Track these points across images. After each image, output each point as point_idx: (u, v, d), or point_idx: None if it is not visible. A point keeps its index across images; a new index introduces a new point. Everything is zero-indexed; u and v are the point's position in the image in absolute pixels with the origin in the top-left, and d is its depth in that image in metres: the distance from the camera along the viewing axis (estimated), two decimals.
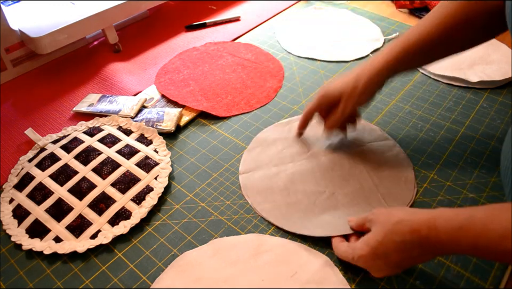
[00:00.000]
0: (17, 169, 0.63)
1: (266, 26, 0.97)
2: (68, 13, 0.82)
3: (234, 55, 0.87)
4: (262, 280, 0.50)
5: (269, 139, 0.68)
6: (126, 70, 0.85)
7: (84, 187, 0.59)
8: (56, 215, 0.57)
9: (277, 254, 0.53)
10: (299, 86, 0.80)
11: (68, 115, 0.75)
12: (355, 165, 0.63)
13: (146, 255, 0.54)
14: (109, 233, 0.55)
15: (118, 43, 0.90)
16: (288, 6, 1.04)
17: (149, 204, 0.58)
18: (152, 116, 0.71)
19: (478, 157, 0.65)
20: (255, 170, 0.63)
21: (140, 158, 0.64)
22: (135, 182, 0.60)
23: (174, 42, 0.93)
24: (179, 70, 0.83)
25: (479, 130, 0.69)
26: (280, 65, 0.85)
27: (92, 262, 0.53)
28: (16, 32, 0.79)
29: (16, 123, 0.73)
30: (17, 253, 0.54)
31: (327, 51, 0.88)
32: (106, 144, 0.65)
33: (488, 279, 0.50)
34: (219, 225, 0.57)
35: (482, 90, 0.77)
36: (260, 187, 0.61)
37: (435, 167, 0.63)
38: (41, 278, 0.52)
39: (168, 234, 0.56)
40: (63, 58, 0.89)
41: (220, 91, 0.78)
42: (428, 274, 0.51)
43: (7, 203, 0.59)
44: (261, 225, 0.56)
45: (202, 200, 0.60)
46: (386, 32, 0.93)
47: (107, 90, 0.80)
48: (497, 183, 0.60)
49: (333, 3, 1.05)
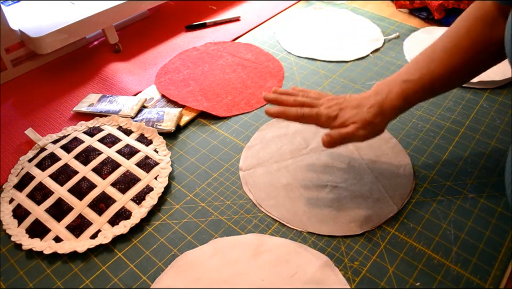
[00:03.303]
0: (17, 169, 0.63)
1: (266, 26, 0.97)
2: (68, 13, 0.82)
3: (234, 55, 0.87)
4: (262, 280, 0.50)
5: (268, 136, 0.69)
6: (126, 70, 0.85)
7: (84, 187, 0.59)
8: (56, 215, 0.57)
9: (277, 254, 0.53)
10: (299, 86, 0.80)
11: (68, 115, 0.75)
12: (354, 158, 0.64)
13: (146, 255, 0.54)
14: (109, 233, 0.55)
15: (118, 43, 0.90)
16: (288, 6, 1.04)
17: (149, 204, 0.58)
18: (152, 116, 0.71)
19: (478, 157, 0.65)
20: (256, 167, 0.64)
21: (140, 158, 0.64)
22: (135, 182, 0.60)
23: (174, 42, 0.93)
24: (179, 70, 0.83)
25: (479, 130, 0.69)
26: (280, 65, 0.85)
27: (92, 262, 0.53)
28: (16, 32, 0.79)
29: (16, 123, 0.73)
30: (17, 252, 0.54)
31: (327, 52, 0.88)
32: (106, 144, 0.65)
33: (488, 279, 0.50)
34: (219, 225, 0.57)
35: (482, 90, 0.77)
36: (262, 184, 0.61)
37: (435, 167, 0.63)
38: (41, 278, 0.52)
39: (168, 234, 0.56)
40: (63, 58, 0.89)
41: (220, 91, 0.78)
42: (428, 274, 0.51)
43: (7, 203, 0.59)
44: (261, 225, 0.56)
45: (202, 200, 0.60)
46: (386, 32, 0.93)
47: (107, 90, 0.80)
48: (497, 183, 0.60)
49: (333, 3, 1.05)
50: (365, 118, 0.54)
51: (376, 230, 0.56)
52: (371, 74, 0.82)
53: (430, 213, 0.57)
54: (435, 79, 0.55)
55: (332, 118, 0.55)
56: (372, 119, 0.54)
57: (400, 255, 0.53)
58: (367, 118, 0.54)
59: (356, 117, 0.54)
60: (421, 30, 0.93)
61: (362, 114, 0.54)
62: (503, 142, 0.67)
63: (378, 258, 0.52)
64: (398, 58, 0.86)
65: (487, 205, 0.58)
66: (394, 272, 0.51)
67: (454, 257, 0.52)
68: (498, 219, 0.56)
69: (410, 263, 0.52)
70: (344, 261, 0.52)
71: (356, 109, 0.55)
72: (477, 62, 0.56)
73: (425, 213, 0.57)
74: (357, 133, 0.54)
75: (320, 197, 0.59)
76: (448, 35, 0.57)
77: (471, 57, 0.55)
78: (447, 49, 0.56)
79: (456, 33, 0.56)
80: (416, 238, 0.54)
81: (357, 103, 0.56)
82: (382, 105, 0.55)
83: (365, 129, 0.54)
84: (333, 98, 0.58)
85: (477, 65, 0.57)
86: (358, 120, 0.54)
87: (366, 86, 0.79)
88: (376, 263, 0.52)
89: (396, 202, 0.58)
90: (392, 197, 0.59)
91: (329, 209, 0.58)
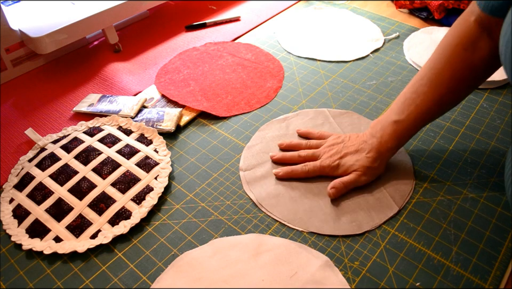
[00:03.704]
0: (17, 169, 0.63)
1: (266, 26, 0.97)
2: (68, 13, 0.82)
3: (234, 55, 0.87)
4: (262, 280, 0.50)
5: (268, 136, 0.69)
6: (126, 70, 0.85)
7: (84, 187, 0.59)
8: (56, 215, 0.57)
9: (277, 254, 0.53)
10: (299, 86, 0.80)
11: (68, 115, 0.75)
12: None
13: (146, 255, 0.54)
14: (109, 233, 0.55)
15: (118, 43, 0.90)
16: (288, 6, 1.04)
17: (149, 204, 0.58)
18: (152, 116, 0.71)
19: (478, 157, 0.65)
20: (257, 167, 0.64)
21: (140, 158, 0.64)
22: (135, 182, 0.60)
23: (174, 42, 0.93)
24: (179, 70, 0.83)
25: (479, 130, 0.69)
26: (280, 65, 0.85)
27: (92, 262, 0.53)
28: (16, 32, 0.79)
29: (16, 123, 0.73)
30: (17, 252, 0.54)
31: (327, 51, 0.88)
32: (106, 144, 0.65)
33: (488, 279, 0.50)
34: (219, 225, 0.57)
35: (482, 90, 0.77)
36: (263, 184, 0.61)
37: (435, 167, 0.63)
38: (41, 278, 0.52)
39: (168, 234, 0.56)
40: (63, 58, 0.89)
41: (220, 91, 0.78)
42: (428, 274, 0.51)
43: (7, 203, 0.59)
44: (261, 225, 0.56)
45: (202, 200, 0.60)
46: (386, 32, 0.93)
47: (107, 90, 0.80)
48: (497, 183, 0.60)
49: (333, 3, 1.05)
50: (365, 165, 0.59)
51: (376, 230, 0.56)
52: (371, 74, 0.82)
53: (430, 213, 0.57)
54: (423, 113, 0.58)
55: (334, 168, 0.60)
56: (372, 164, 0.59)
57: (400, 255, 0.53)
58: (367, 164, 0.59)
59: (356, 164, 0.59)
60: (421, 30, 0.93)
61: (363, 162, 0.59)
62: (503, 142, 0.67)
63: (378, 258, 0.52)
64: (398, 58, 0.86)
65: (487, 205, 0.58)
66: (394, 272, 0.51)
67: (454, 257, 0.52)
68: (498, 219, 0.56)
69: (410, 263, 0.52)
70: (344, 261, 0.52)
71: (356, 155, 0.60)
72: (462, 87, 0.58)
73: (425, 213, 0.57)
74: (359, 179, 0.59)
75: (320, 197, 0.59)
76: (431, 67, 0.58)
77: (456, 84, 0.57)
78: (431, 81, 0.57)
79: (438, 64, 0.58)
80: (416, 238, 0.54)
81: (355, 148, 0.60)
82: (379, 149, 0.59)
83: (366, 175, 0.59)
84: (333, 145, 0.62)
85: (462, 90, 0.58)
86: (359, 167, 0.59)
87: (366, 86, 0.79)
88: (376, 263, 0.52)
89: (396, 202, 0.58)
90: (393, 196, 0.59)
91: (330, 209, 0.58)
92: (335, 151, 0.61)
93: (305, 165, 0.61)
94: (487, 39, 0.55)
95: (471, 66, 0.56)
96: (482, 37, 0.55)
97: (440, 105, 0.58)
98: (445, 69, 0.57)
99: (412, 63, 0.84)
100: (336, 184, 0.58)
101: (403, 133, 0.59)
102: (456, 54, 0.56)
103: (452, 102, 0.59)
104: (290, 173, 0.61)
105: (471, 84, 0.58)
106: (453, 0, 0.90)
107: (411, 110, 0.58)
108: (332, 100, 0.76)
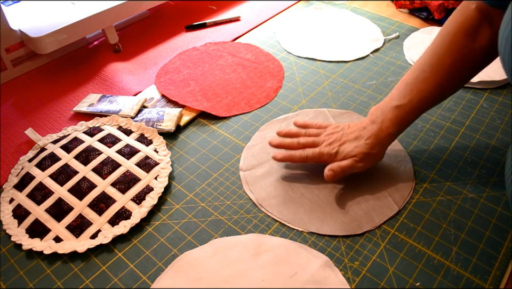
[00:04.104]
0: (17, 169, 0.63)
1: (266, 26, 0.97)
2: (67, 13, 0.82)
3: (234, 55, 0.87)
4: (262, 280, 0.50)
5: (268, 136, 0.69)
6: (126, 70, 0.85)
7: (84, 187, 0.59)
8: (56, 215, 0.57)
9: (277, 254, 0.53)
10: (299, 86, 0.80)
11: (68, 115, 0.75)
12: None
13: (146, 255, 0.54)
14: (109, 233, 0.55)
15: (118, 43, 0.90)
16: (288, 6, 1.04)
17: (149, 204, 0.58)
18: (152, 116, 0.71)
19: (478, 157, 0.65)
20: (257, 167, 0.64)
21: (140, 158, 0.64)
22: (135, 182, 0.60)
23: (174, 42, 0.93)
24: (179, 70, 0.83)
25: (479, 130, 0.69)
26: (280, 65, 0.85)
27: (92, 262, 0.53)
28: (16, 32, 0.79)
29: (16, 123, 0.73)
30: (17, 252, 0.54)
31: (327, 51, 0.88)
32: (106, 144, 0.65)
33: (488, 279, 0.50)
34: (219, 225, 0.57)
35: (482, 90, 0.77)
36: (263, 184, 0.61)
37: (435, 167, 0.63)
38: (41, 278, 0.52)
39: (168, 234, 0.56)
40: (63, 58, 0.89)
41: (220, 91, 0.78)
42: (428, 274, 0.51)
43: (7, 203, 0.59)
44: (261, 225, 0.56)
45: (202, 200, 0.60)
46: (386, 32, 0.93)
47: (107, 90, 0.80)
48: (497, 183, 0.60)
49: (333, 3, 1.05)
50: (364, 152, 0.58)
51: (376, 230, 0.56)
52: (371, 74, 0.82)
53: (430, 213, 0.57)
54: (425, 98, 0.58)
55: (333, 155, 0.59)
56: (370, 150, 0.58)
57: (400, 255, 0.53)
58: (365, 150, 0.58)
59: (355, 150, 0.58)
60: (421, 30, 0.93)
61: (361, 148, 0.58)
62: (503, 142, 0.67)
63: (378, 258, 0.52)
64: (398, 58, 0.86)
65: (487, 205, 0.58)
66: (394, 272, 0.51)
67: (454, 257, 0.52)
68: (498, 219, 0.56)
69: (410, 263, 0.52)
70: (344, 261, 0.52)
71: (355, 142, 0.59)
72: (462, 73, 0.58)
73: (425, 213, 0.57)
74: (356, 165, 0.58)
75: (320, 197, 0.59)
76: (432, 53, 0.58)
77: (456, 71, 0.57)
78: (432, 66, 0.57)
79: (439, 50, 0.58)
80: (416, 238, 0.54)
81: (355, 135, 0.59)
82: (379, 135, 0.58)
83: (364, 161, 0.58)
84: (332, 133, 0.61)
85: (463, 76, 0.59)
86: (357, 153, 0.58)
87: (366, 86, 0.79)
88: (376, 263, 0.52)
89: (396, 202, 0.58)
90: (392, 196, 0.59)
91: (330, 209, 0.58)
92: (334, 139, 0.60)
93: (304, 151, 0.60)
94: (487, 26, 0.55)
95: (472, 53, 0.56)
96: (483, 25, 0.55)
97: (441, 90, 0.58)
98: (446, 55, 0.57)
99: (412, 63, 0.84)
100: (334, 166, 0.57)
101: (404, 117, 0.58)
102: (457, 40, 0.56)
103: (451, 88, 0.60)
104: (288, 157, 0.61)
105: (472, 69, 0.58)
106: (453, 0, 0.90)
107: (413, 95, 0.58)
108: (331, 100, 0.76)
